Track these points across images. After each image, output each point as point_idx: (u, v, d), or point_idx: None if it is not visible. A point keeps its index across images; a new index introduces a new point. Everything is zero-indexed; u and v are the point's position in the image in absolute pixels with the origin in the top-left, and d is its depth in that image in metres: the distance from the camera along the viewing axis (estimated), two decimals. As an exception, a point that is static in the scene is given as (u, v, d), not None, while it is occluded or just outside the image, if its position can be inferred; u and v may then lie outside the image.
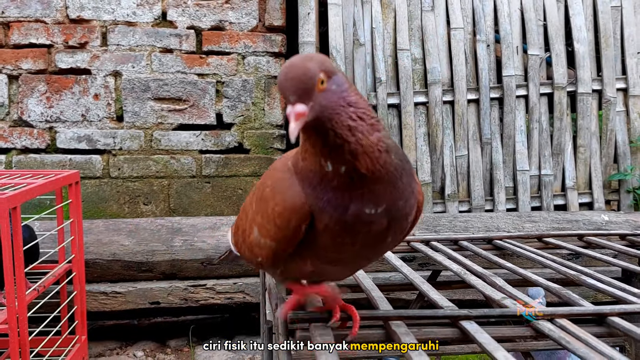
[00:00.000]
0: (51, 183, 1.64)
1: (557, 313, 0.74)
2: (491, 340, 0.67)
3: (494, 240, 1.33)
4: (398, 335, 0.67)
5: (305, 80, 0.64)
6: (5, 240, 1.32)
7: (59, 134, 2.60)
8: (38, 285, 1.62)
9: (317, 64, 0.65)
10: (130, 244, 2.10)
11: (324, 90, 0.64)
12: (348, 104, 0.66)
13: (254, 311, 2.21)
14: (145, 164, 2.66)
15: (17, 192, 1.39)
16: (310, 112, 0.63)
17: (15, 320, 1.37)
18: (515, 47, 2.71)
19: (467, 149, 2.67)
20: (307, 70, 0.64)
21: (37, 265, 1.75)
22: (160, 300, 2.05)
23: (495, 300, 0.85)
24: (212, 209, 2.72)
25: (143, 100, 2.64)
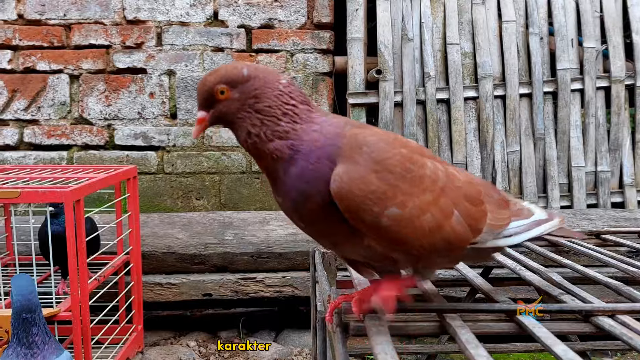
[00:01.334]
0: (111, 177, 1.72)
1: (619, 309, 0.73)
2: (550, 335, 0.66)
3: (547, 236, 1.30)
4: (453, 328, 0.67)
5: (204, 91, 0.76)
6: (70, 231, 1.40)
7: (117, 131, 2.71)
8: (98, 275, 1.70)
9: (217, 77, 0.76)
10: (184, 237, 2.16)
11: (225, 99, 0.75)
12: (255, 110, 0.75)
13: (302, 305, 2.24)
14: (198, 160, 2.73)
15: (81, 186, 1.46)
16: (209, 118, 0.77)
17: (78, 308, 1.44)
18: (570, 40, 2.63)
19: (519, 145, 2.61)
20: (205, 83, 0.76)
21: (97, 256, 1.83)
22: (212, 292, 2.11)
23: (553, 296, 0.83)
24: (261, 204, 2.77)
25: (195, 98, 2.70)
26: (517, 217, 0.86)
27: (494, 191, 0.88)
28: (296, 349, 2.11)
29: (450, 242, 0.77)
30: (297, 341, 2.17)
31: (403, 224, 0.74)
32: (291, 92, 0.78)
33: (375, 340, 0.62)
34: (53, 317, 1.43)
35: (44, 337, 1.20)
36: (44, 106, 2.68)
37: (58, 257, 1.53)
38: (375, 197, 0.73)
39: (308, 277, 2.13)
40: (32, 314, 1.19)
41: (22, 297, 1.19)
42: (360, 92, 2.59)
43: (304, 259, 2.15)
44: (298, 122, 0.76)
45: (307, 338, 2.18)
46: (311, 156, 0.75)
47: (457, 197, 0.79)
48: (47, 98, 2.68)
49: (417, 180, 0.76)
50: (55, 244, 1.49)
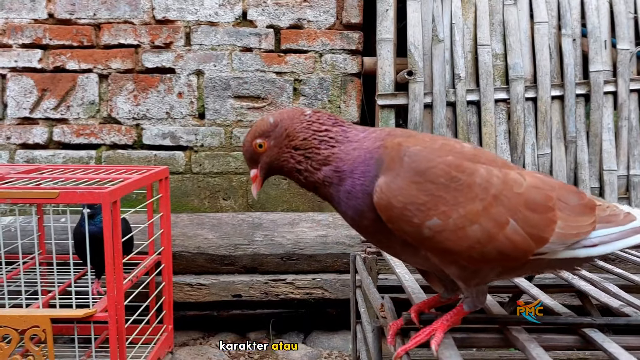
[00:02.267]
0: (146, 178, 1.72)
1: (691, 324, 0.70)
2: (622, 351, 0.64)
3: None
4: (521, 342, 0.65)
5: (246, 151, 0.86)
6: (108, 232, 1.40)
7: (145, 131, 2.72)
8: (132, 275, 1.70)
9: (251, 135, 0.84)
10: (213, 237, 2.16)
11: (265, 150, 0.83)
12: (294, 148, 0.81)
13: (331, 307, 2.23)
14: (225, 160, 2.73)
15: (118, 187, 1.46)
16: (260, 172, 0.85)
17: (115, 309, 1.44)
18: (604, 41, 2.58)
19: (550, 147, 2.57)
20: (245, 144, 0.86)
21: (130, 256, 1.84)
22: (242, 293, 2.11)
23: (614, 308, 0.81)
24: (289, 205, 2.76)
25: (223, 98, 2.71)
26: (608, 223, 0.79)
27: (574, 195, 0.82)
28: (325, 352, 2.10)
29: (505, 253, 0.73)
30: (326, 343, 2.16)
31: (446, 235, 0.72)
32: (319, 119, 0.82)
33: (444, 354, 0.60)
34: (90, 318, 1.43)
35: None
36: (73, 105, 2.70)
37: (93, 257, 1.54)
38: (414, 208, 0.73)
39: (338, 279, 2.12)
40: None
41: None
42: (389, 93, 2.57)
43: (334, 261, 2.14)
44: (335, 145, 0.80)
45: (337, 340, 2.17)
46: (355, 173, 0.78)
47: (515, 204, 0.75)
48: (76, 97, 2.70)
49: (464, 189, 0.74)
50: (91, 244, 1.50)
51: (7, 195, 1.34)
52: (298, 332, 2.26)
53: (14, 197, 1.34)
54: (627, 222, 0.79)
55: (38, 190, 1.35)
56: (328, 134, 0.80)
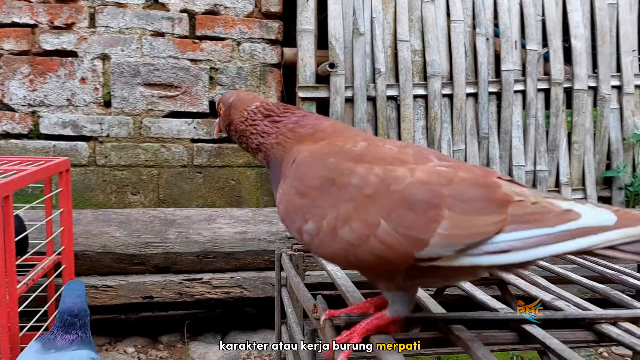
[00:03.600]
0: (43, 170, 1.55)
1: (621, 316, 0.70)
2: (564, 347, 0.62)
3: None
4: (464, 341, 0.62)
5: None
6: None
7: (43, 119, 2.48)
8: (28, 278, 1.52)
9: (221, 98, 0.97)
10: (121, 235, 2.00)
11: (222, 114, 0.95)
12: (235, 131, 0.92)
13: (250, 306, 2.14)
14: (134, 152, 2.55)
15: (9, 180, 1.29)
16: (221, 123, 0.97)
17: (6, 316, 1.27)
18: (514, 42, 2.69)
19: (465, 143, 2.64)
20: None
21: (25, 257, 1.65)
22: (154, 295, 1.97)
23: (546, 302, 0.80)
24: (204, 200, 2.63)
25: (132, 86, 2.53)
26: (528, 224, 0.62)
27: (477, 189, 0.67)
28: (244, 352, 2.01)
29: (381, 256, 0.65)
30: (244, 344, 2.07)
31: (321, 238, 0.69)
32: (255, 113, 0.88)
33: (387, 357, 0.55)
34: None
35: (81, 335, 1.32)
36: (-42, 89, 2.41)
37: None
38: (294, 214, 0.73)
39: (258, 277, 2.04)
40: (73, 318, 1.31)
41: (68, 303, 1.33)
42: (310, 85, 2.51)
43: (254, 259, 2.05)
44: (263, 136, 0.86)
45: (256, 340, 2.09)
46: (274, 171, 0.84)
47: (389, 204, 0.66)
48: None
49: (338, 192, 0.70)
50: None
51: None
52: (215, 333, 2.16)
53: None
54: (560, 222, 0.62)
55: None
56: (257, 127, 0.87)
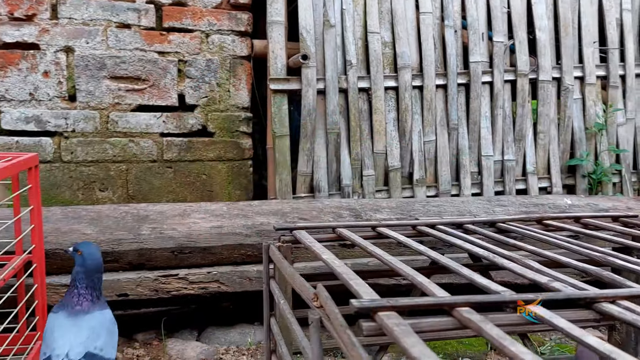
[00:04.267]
0: (12, 166, 1.48)
1: (620, 295, 0.73)
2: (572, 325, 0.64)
3: (498, 223, 1.32)
4: (475, 323, 0.62)
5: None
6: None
7: (4, 114, 2.38)
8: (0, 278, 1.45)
9: None
10: (92, 232, 1.94)
11: None
12: None
13: (227, 301, 2.12)
14: (101, 148, 2.48)
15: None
16: None
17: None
18: (481, 34, 2.74)
19: (435, 134, 2.68)
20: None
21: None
22: (129, 292, 1.92)
23: (543, 284, 0.82)
24: (175, 196, 2.59)
25: (98, 79, 2.45)
26: None
27: None
28: (222, 347, 1.99)
29: None
30: (222, 339, 2.04)
31: None
32: None
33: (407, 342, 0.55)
34: (-52, 332, 1.19)
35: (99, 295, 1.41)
36: None
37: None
38: None
39: (235, 271, 2.02)
40: (99, 274, 1.42)
41: (96, 260, 1.43)
42: (281, 77, 2.49)
43: (230, 253, 2.02)
44: None
45: (234, 335, 2.06)
46: None
47: None
48: None
49: None
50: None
51: None
52: (191, 330, 2.12)
53: None
54: None
55: None
56: None
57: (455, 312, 0.66)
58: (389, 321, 0.57)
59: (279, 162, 2.53)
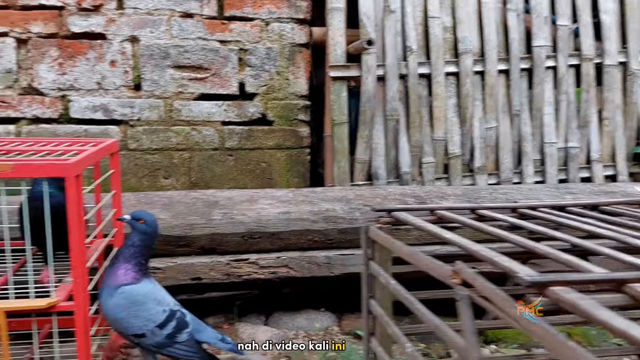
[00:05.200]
0: (100, 151, 1.52)
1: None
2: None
3: (601, 206, 1.28)
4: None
5: None
6: (73, 209, 1.21)
7: (73, 103, 2.44)
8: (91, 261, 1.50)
9: None
10: (166, 217, 1.98)
11: None
12: None
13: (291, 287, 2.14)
14: (165, 136, 2.52)
15: (80, 159, 1.27)
16: None
17: (82, 297, 1.26)
18: (544, 17, 2.67)
19: (497, 121, 2.63)
20: None
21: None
22: (202, 276, 1.96)
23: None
24: (235, 183, 2.62)
25: (162, 68, 2.49)
26: None
27: None
28: (291, 332, 2.01)
29: None
30: (289, 324, 2.06)
31: None
32: None
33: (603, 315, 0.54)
34: (52, 308, 1.24)
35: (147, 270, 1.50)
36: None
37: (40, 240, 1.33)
38: None
39: (303, 257, 2.03)
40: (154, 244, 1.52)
41: (157, 228, 1.52)
42: (341, 64, 2.49)
43: (297, 239, 2.04)
44: None
45: (301, 320, 2.08)
46: None
47: None
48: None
49: None
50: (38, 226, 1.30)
51: (-51, 168, 1.10)
52: (258, 314, 2.15)
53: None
54: None
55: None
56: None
57: (627, 288, 0.65)
58: (570, 295, 0.56)
59: (337, 149, 2.53)
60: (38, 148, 1.43)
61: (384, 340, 1.09)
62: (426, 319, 0.81)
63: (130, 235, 1.48)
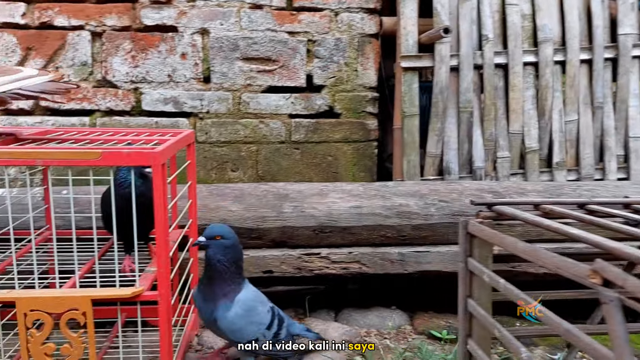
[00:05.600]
0: (181, 140, 1.51)
1: None
2: None
3: None
4: None
5: None
6: (158, 198, 1.19)
7: (145, 95, 2.47)
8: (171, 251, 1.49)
9: None
10: (238, 209, 1.97)
11: None
12: None
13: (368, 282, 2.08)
14: (234, 128, 2.52)
15: (166, 147, 1.26)
16: None
17: (166, 286, 1.25)
18: (631, 3, 2.49)
19: (578, 114, 2.48)
20: None
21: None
22: (273, 269, 1.93)
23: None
24: (301, 177, 2.59)
25: (231, 60, 2.49)
26: None
27: None
28: (362, 330, 1.95)
29: None
30: (360, 321, 2.01)
31: None
32: None
33: None
34: (137, 297, 1.23)
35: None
36: (63, 66, 2.42)
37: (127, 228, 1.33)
38: None
39: (376, 253, 1.97)
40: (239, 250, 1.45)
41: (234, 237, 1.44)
42: (413, 55, 2.41)
43: (369, 234, 1.98)
44: None
45: (372, 318, 2.02)
46: None
47: None
48: (66, 57, 2.42)
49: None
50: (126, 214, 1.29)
51: (43, 156, 1.11)
52: (328, 310, 2.11)
53: (50, 158, 1.11)
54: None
55: (79, 151, 1.13)
56: None
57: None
58: None
59: (407, 142, 2.45)
60: (120, 137, 1.44)
61: (483, 342, 1.02)
62: (551, 322, 0.73)
63: (213, 254, 1.41)
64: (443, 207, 2.00)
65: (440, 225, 1.98)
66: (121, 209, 1.32)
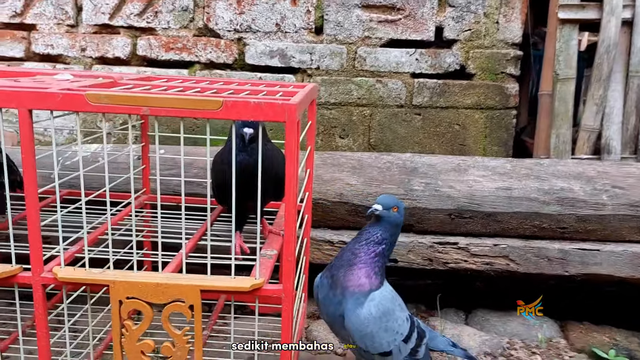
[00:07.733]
0: (310, 93, 1.18)
1: None
2: None
3: None
4: None
5: None
6: (291, 162, 0.88)
7: (249, 47, 2.18)
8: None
9: None
10: (357, 183, 1.64)
11: None
12: None
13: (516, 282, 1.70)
14: (346, 88, 2.18)
15: (300, 100, 0.93)
16: None
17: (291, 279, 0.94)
18: None
19: None
20: None
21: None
22: (398, 258, 1.60)
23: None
24: (420, 147, 2.22)
25: (348, 8, 2.13)
26: None
27: None
28: (504, 340, 1.59)
29: None
30: (499, 328, 1.65)
31: None
32: None
33: None
34: (256, 292, 0.93)
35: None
36: (162, 11, 2.17)
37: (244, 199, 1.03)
38: None
39: (529, 247, 1.58)
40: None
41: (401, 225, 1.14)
42: (575, 4, 1.95)
43: (519, 223, 1.60)
44: None
45: (515, 325, 1.66)
46: None
47: None
48: (165, 1, 2.16)
49: None
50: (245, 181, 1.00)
51: (152, 103, 0.82)
52: (456, 310, 1.76)
53: (159, 106, 0.83)
54: None
55: (196, 98, 0.83)
56: None
57: None
58: None
59: (558, 112, 2.01)
60: (236, 88, 1.13)
61: None
62: None
63: (373, 228, 1.13)
64: (618, 194, 1.58)
65: (614, 218, 1.56)
66: (238, 176, 1.02)
